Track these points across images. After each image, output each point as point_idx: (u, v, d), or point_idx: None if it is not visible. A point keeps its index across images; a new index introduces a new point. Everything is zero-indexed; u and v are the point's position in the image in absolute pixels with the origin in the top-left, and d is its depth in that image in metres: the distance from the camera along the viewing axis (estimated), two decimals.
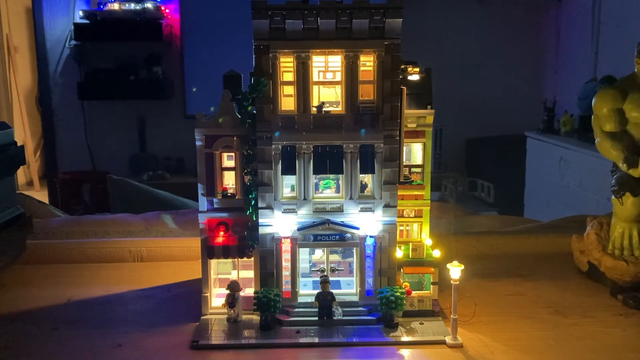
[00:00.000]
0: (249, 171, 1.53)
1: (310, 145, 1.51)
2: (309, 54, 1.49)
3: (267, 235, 1.54)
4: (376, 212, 1.54)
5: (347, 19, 1.47)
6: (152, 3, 5.68)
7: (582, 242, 1.88)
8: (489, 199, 5.67)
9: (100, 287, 1.83)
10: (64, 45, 5.91)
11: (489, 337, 1.48)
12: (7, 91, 6.43)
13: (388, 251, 1.55)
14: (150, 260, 2.08)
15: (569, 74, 5.83)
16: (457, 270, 1.42)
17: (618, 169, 1.73)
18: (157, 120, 6.05)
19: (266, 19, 1.46)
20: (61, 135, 6.07)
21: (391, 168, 1.53)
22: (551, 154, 4.92)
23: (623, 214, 1.75)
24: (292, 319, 1.53)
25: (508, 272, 1.95)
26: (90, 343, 1.46)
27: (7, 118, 6.07)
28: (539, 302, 1.70)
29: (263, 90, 1.49)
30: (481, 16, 6.14)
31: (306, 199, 1.54)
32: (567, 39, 5.96)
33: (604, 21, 5.21)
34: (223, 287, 1.58)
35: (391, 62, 1.49)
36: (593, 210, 3.02)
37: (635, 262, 1.71)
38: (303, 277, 1.61)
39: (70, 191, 5.46)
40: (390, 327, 1.50)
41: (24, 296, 1.77)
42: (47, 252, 2.07)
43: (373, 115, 1.51)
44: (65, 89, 5.93)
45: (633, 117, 1.69)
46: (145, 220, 2.40)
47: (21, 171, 6.48)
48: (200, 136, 1.54)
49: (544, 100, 5.29)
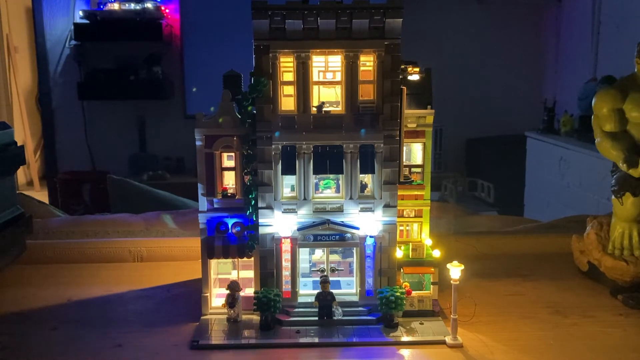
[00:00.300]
0: (249, 171, 1.53)
1: (310, 145, 1.51)
2: (309, 54, 1.49)
3: (267, 235, 1.54)
4: (376, 212, 1.54)
5: (347, 19, 1.46)
6: (152, 3, 5.68)
7: (582, 242, 1.88)
8: (489, 199, 5.67)
9: (100, 287, 1.83)
10: (64, 45, 5.91)
11: (489, 337, 1.48)
12: (7, 91, 6.43)
13: (388, 251, 1.55)
14: (150, 260, 2.08)
15: (569, 74, 5.83)
16: (457, 270, 1.42)
17: (618, 169, 1.73)
18: (157, 120, 6.05)
19: (266, 19, 1.46)
20: (61, 135, 6.07)
21: (391, 168, 1.53)
22: (551, 154, 4.92)
23: (623, 214, 1.75)
24: (292, 319, 1.53)
25: (508, 272, 1.95)
26: (90, 343, 1.46)
27: (7, 118, 6.07)
28: (539, 302, 1.70)
29: (263, 90, 1.49)
30: (481, 16, 6.14)
31: (306, 199, 1.53)
32: (567, 39, 5.96)
33: (604, 21, 5.21)
34: (223, 287, 1.57)
35: (391, 62, 1.49)
36: (593, 210, 3.03)
37: (635, 262, 1.71)
38: (303, 277, 1.61)
39: (70, 191, 5.46)
40: (390, 327, 1.50)
41: (24, 296, 1.77)
42: (47, 252, 2.07)
43: (373, 115, 1.51)
44: (65, 89, 5.94)
45: (633, 117, 1.69)
46: (145, 220, 2.40)
47: (21, 171, 6.48)
48: (200, 136, 1.54)
49: (544, 100, 5.29)
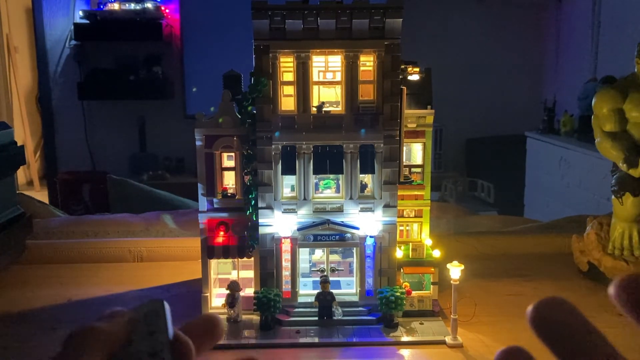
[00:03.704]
0: (249, 171, 1.53)
1: (310, 145, 1.51)
2: (309, 54, 1.49)
3: (267, 235, 1.54)
4: (376, 212, 1.54)
5: (347, 19, 1.46)
6: (152, 3, 5.68)
7: (582, 242, 1.88)
8: (489, 199, 5.67)
9: (100, 287, 1.83)
10: (64, 45, 5.91)
11: (489, 337, 1.48)
12: (7, 91, 6.42)
13: (388, 251, 1.55)
14: (150, 260, 2.08)
15: (569, 74, 5.83)
16: (457, 270, 1.42)
17: (618, 169, 1.73)
18: (157, 120, 6.04)
19: (266, 19, 1.46)
20: (61, 135, 6.07)
21: (391, 168, 1.53)
22: (551, 154, 4.92)
23: (623, 214, 1.75)
24: (292, 319, 1.53)
25: (508, 272, 1.95)
26: None
27: (7, 118, 6.06)
28: None
29: (263, 90, 1.49)
30: (481, 16, 6.14)
31: (306, 199, 1.53)
32: (567, 39, 5.96)
33: (604, 21, 5.21)
34: (223, 287, 1.58)
35: (391, 62, 1.49)
36: (593, 210, 3.02)
37: (635, 262, 1.71)
38: (303, 277, 1.61)
39: (70, 191, 5.45)
40: (390, 327, 1.50)
41: (24, 296, 1.77)
42: (47, 252, 2.07)
43: (373, 115, 1.51)
44: (65, 89, 5.93)
45: (633, 117, 1.69)
46: (145, 220, 2.40)
47: (21, 171, 6.47)
48: (200, 136, 1.54)
49: (544, 100, 5.28)
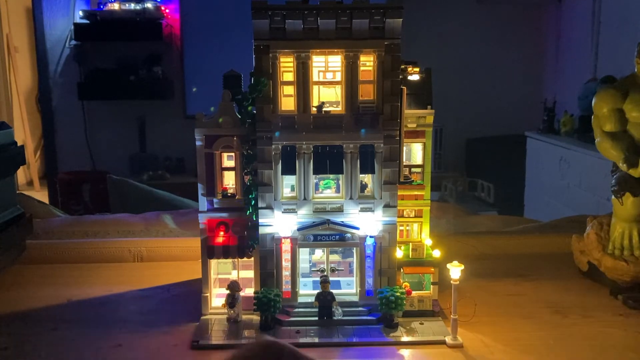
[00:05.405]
0: (249, 171, 1.52)
1: (310, 145, 1.51)
2: (309, 54, 1.49)
3: (267, 235, 1.54)
4: (376, 212, 1.54)
5: (347, 19, 1.46)
6: (152, 3, 5.68)
7: (582, 242, 1.88)
8: (489, 199, 5.67)
9: (100, 287, 1.83)
10: (64, 45, 5.91)
11: (489, 337, 1.48)
12: (7, 91, 6.43)
13: (388, 251, 1.55)
14: (150, 260, 2.08)
15: (569, 74, 5.83)
16: (457, 270, 1.42)
17: (618, 169, 1.73)
18: (157, 120, 6.05)
19: (266, 19, 1.46)
20: (61, 135, 6.07)
21: (391, 168, 1.52)
22: (551, 154, 4.92)
23: (623, 214, 1.75)
24: (292, 319, 1.53)
25: (508, 272, 1.95)
26: (90, 343, 1.46)
27: (7, 118, 6.07)
28: (539, 302, 1.70)
29: (263, 90, 1.49)
30: (481, 16, 6.14)
31: (306, 199, 1.53)
32: (567, 39, 5.96)
33: (604, 21, 5.21)
34: (223, 287, 1.57)
35: (391, 62, 1.49)
36: (593, 210, 3.02)
37: (635, 262, 1.71)
38: (303, 277, 1.61)
39: (70, 191, 5.46)
40: (390, 327, 1.50)
41: (24, 296, 1.77)
42: (47, 252, 2.07)
43: (373, 115, 1.51)
44: (65, 89, 5.94)
45: (633, 117, 1.69)
46: (145, 220, 2.40)
47: (21, 171, 6.48)
48: (200, 136, 1.54)
49: (544, 100, 5.29)
